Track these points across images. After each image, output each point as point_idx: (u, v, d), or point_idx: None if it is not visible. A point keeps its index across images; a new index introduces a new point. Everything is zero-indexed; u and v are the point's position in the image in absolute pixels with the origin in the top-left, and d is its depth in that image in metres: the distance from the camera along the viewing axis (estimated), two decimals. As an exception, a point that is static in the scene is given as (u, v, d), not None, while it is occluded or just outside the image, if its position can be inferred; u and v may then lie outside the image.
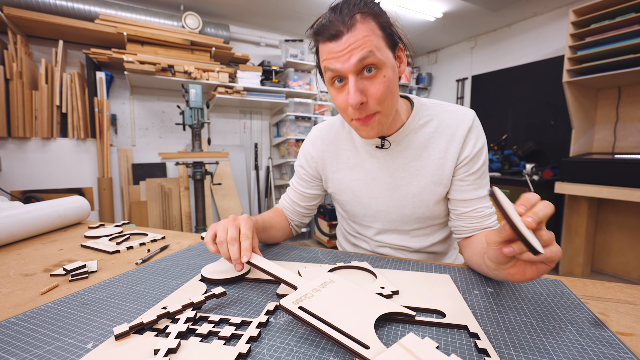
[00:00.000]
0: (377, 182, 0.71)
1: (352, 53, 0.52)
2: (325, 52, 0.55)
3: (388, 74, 0.55)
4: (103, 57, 2.35)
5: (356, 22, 0.52)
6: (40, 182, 2.28)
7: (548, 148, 2.88)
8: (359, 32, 0.52)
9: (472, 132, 0.65)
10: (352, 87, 0.54)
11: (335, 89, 0.58)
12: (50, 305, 0.45)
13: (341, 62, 0.53)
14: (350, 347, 0.32)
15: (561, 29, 2.69)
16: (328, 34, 0.54)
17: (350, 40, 0.52)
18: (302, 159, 0.81)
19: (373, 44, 0.53)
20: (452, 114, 0.67)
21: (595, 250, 2.44)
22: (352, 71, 0.53)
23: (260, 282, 0.53)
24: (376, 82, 0.55)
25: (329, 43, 0.54)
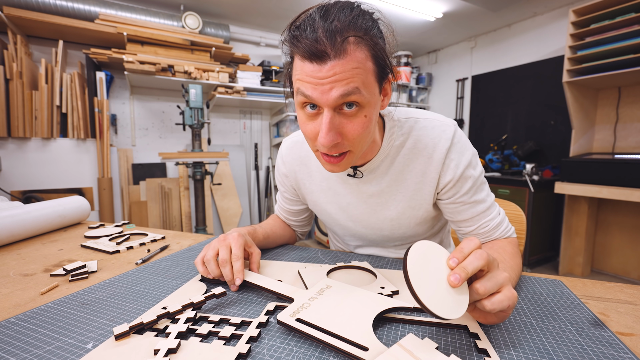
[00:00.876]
0: (352, 207, 0.67)
1: (335, 85, 0.43)
2: (301, 71, 0.45)
3: (369, 114, 0.47)
4: (103, 57, 2.35)
5: (347, 48, 0.42)
6: (40, 182, 2.28)
7: (548, 148, 2.88)
8: (348, 62, 0.43)
9: (451, 153, 0.58)
10: (326, 124, 0.45)
11: (305, 114, 0.49)
12: (50, 305, 0.45)
13: (319, 92, 0.44)
14: (349, 353, 0.32)
15: (561, 29, 2.69)
16: (310, 50, 0.43)
17: (336, 69, 0.42)
18: (277, 176, 0.77)
19: (361, 79, 0.44)
20: (428, 131, 0.59)
21: (595, 250, 2.44)
22: (329, 105, 0.45)
23: (260, 282, 0.53)
24: (355, 122, 0.47)
25: (309, 63, 0.44)
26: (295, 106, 0.51)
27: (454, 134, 0.58)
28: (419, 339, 0.33)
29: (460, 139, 0.59)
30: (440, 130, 0.59)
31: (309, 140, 0.52)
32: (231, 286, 0.50)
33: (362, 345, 0.33)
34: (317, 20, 0.43)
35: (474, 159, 0.59)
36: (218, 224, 2.99)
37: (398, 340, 0.36)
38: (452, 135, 0.58)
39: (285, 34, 0.48)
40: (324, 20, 0.43)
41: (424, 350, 0.31)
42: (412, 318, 0.40)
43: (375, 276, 0.53)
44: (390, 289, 0.47)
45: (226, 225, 2.99)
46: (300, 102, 0.48)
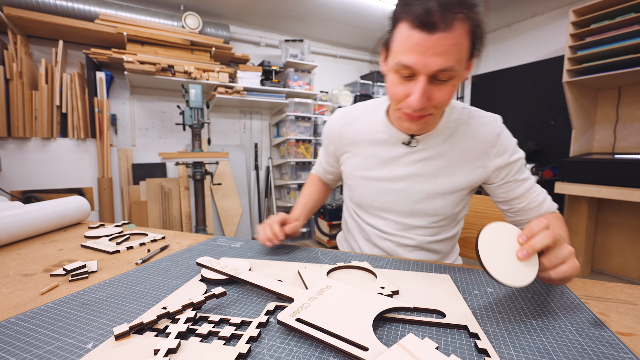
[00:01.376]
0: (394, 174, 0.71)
1: (437, 57, 0.47)
2: (406, 39, 0.49)
3: (456, 84, 0.54)
4: (103, 57, 2.35)
5: (455, 23, 0.46)
6: (40, 182, 2.28)
7: (548, 148, 2.88)
8: (453, 36, 0.47)
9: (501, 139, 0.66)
10: (419, 90, 0.51)
11: (399, 77, 0.53)
12: (50, 305, 0.45)
13: (422, 62, 0.48)
14: (349, 352, 0.32)
15: (561, 29, 2.69)
16: (421, 18, 0.46)
17: (442, 42, 0.46)
18: (324, 135, 0.83)
19: (459, 55, 0.49)
20: (480, 119, 0.67)
21: (595, 250, 2.44)
22: (427, 73, 0.49)
23: (260, 282, 0.53)
24: (443, 91, 0.52)
25: (417, 31, 0.47)
26: (389, 70, 0.55)
27: (501, 125, 0.68)
28: (419, 339, 0.33)
29: (505, 130, 0.68)
30: (490, 120, 0.68)
31: (394, 100, 0.58)
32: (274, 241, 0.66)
33: (362, 345, 0.33)
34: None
35: (515, 146, 0.68)
36: (218, 224, 2.99)
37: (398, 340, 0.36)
38: (500, 124, 0.67)
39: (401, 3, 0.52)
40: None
41: (424, 351, 0.31)
42: (412, 318, 0.40)
43: (375, 276, 0.53)
44: (390, 289, 0.47)
45: (226, 225, 2.99)
46: (398, 69, 0.52)
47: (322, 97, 3.32)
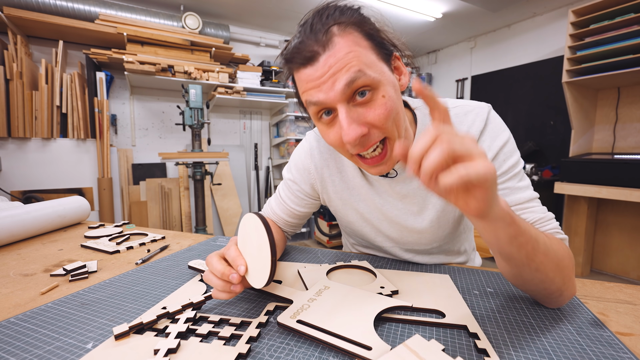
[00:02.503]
0: (388, 207, 0.61)
1: (336, 77, 0.41)
2: (302, 82, 0.45)
3: (388, 93, 0.44)
4: (103, 57, 2.35)
5: (333, 37, 0.42)
6: (40, 182, 2.28)
7: (547, 148, 2.88)
8: (340, 49, 0.41)
9: (484, 135, 0.54)
10: (344, 120, 0.42)
11: (323, 124, 0.47)
12: (50, 305, 0.45)
13: (324, 92, 0.42)
14: (353, 352, 0.32)
15: (561, 29, 2.69)
16: (301, 57, 0.43)
17: (329, 62, 0.41)
18: (294, 171, 0.67)
19: (361, 60, 0.42)
20: (461, 118, 0.56)
21: (595, 250, 2.44)
22: (339, 100, 0.42)
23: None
24: (375, 106, 0.44)
25: (304, 69, 0.43)
26: (314, 122, 0.50)
27: (487, 117, 0.55)
28: (425, 340, 0.33)
29: (493, 121, 0.55)
30: (474, 115, 0.55)
31: (338, 150, 0.50)
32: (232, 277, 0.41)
33: (365, 344, 0.33)
34: (300, 31, 0.45)
35: (509, 144, 0.54)
36: (218, 224, 2.99)
37: (399, 340, 0.36)
38: (485, 118, 0.54)
39: (279, 62, 0.49)
40: (305, 28, 0.44)
41: (429, 352, 0.31)
42: (411, 318, 0.40)
43: (375, 276, 0.53)
44: (390, 289, 0.47)
45: (226, 225, 2.99)
46: (315, 113, 0.46)
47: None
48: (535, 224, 0.49)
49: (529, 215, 0.50)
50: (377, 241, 0.68)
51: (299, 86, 0.47)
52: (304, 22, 0.45)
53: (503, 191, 0.52)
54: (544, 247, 0.39)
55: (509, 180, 0.52)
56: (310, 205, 0.68)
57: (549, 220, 0.50)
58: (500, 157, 0.53)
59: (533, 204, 0.51)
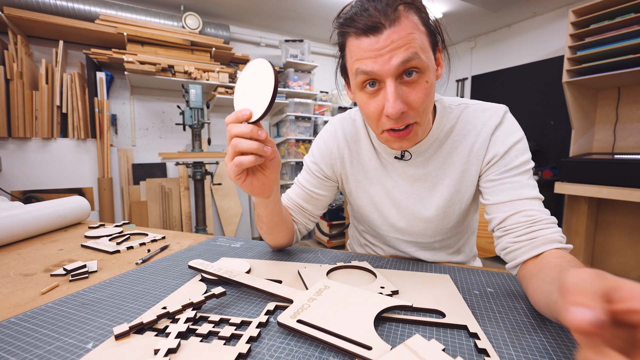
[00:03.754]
0: (398, 190, 0.64)
1: (395, 53, 0.44)
2: (357, 49, 0.46)
3: (430, 80, 0.48)
4: (103, 57, 2.36)
5: (400, 15, 0.44)
6: (40, 182, 2.28)
7: (548, 148, 2.88)
8: (404, 28, 0.44)
9: (499, 130, 0.56)
10: (391, 94, 0.45)
11: (366, 93, 0.49)
12: (50, 305, 0.45)
13: (380, 63, 0.45)
14: (353, 352, 0.32)
15: (561, 29, 2.69)
16: (364, 25, 0.44)
17: (393, 37, 0.43)
18: (316, 153, 0.69)
19: (418, 43, 0.45)
20: (478, 114, 0.58)
21: (595, 250, 2.44)
22: (392, 74, 0.45)
23: (260, 282, 0.53)
24: (418, 89, 0.47)
25: (365, 38, 0.45)
26: (354, 91, 0.52)
27: (504, 115, 0.57)
28: (425, 340, 0.33)
29: (509, 121, 0.57)
30: (491, 112, 0.58)
31: (372, 121, 0.52)
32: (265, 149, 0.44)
33: (365, 344, 0.33)
34: (365, 2, 0.46)
35: (522, 142, 0.56)
36: (218, 224, 2.99)
37: (399, 340, 0.36)
38: (502, 115, 0.57)
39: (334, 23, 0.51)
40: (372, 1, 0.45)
41: (430, 352, 0.31)
42: (411, 318, 0.40)
43: (375, 276, 0.53)
44: (390, 289, 0.47)
45: (226, 225, 2.99)
46: (360, 83, 0.49)
47: (322, 97, 3.32)
48: (540, 223, 0.49)
49: (534, 214, 0.49)
50: (382, 230, 0.69)
51: (351, 52, 0.48)
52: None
53: (513, 184, 0.53)
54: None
55: (520, 174, 0.53)
56: (327, 187, 0.70)
57: (552, 224, 0.49)
58: (512, 153, 0.54)
59: (539, 204, 0.51)
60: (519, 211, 0.50)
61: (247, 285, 0.48)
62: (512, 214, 0.51)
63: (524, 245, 0.48)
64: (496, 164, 0.55)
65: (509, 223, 0.51)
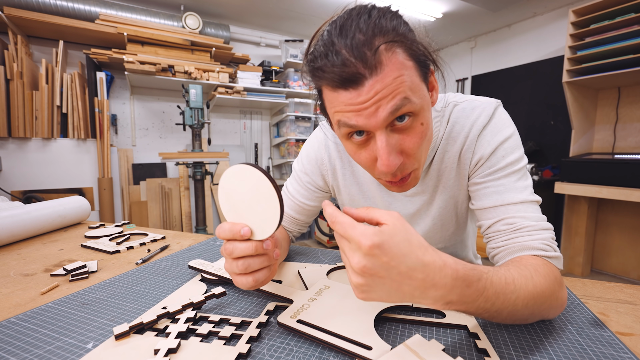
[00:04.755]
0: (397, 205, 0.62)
1: (381, 104, 0.37)
2: (336, 102, 0.40)
3: (426, 120, 0.42)
4: (103, 57, 2.36)
5: (382, 59, 0.36)
6: (40, 182, 2.28)
7: (548, 148, 2.88)
8: (388, 73, 0.36)
9: (486, 129, 0.51)
10: (383, 149, 0.40)
11: (354, 144, 0.43)
12: (50, 305, 0.45)
13: (364, 117, 0.38)
14: (353, 352, 0.32)
15: (561, 29, 2.69)
16: (340, 78, 0.37)
17: (376, 87, 0.36)
18: (306, 163, 0.65)
19: (407, 86, 0.38)
20: (467, 113, 0.53)
21: (595, 250, 2.44)
22: (380, 127, 0.39)
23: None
24: (412, 134, 0.41)
25: (343, 91, 0.38)
26: (341, 139, 0.46)
27: (493, 112, 0.52)
28: (425, 340, 0.33)
29: (499, 117, 0.52)
30: (480, 110, 0.52)
31: (366, 169, 0.47)
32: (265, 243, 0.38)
33: (365, 344, 0.33)
34: (336, 40, 0.37)
35: (511, 140, 0.51)
36: (218, 224, 2.99)
37: (399, 340, 0.36)
38: (490, 113, 0.52)
39: (304, 66, 0.43)
40: (344, 37, 0.36)
41: (430, 352, 0.31)
42: (411, 318, 0.40)
43: (375, 276, 0.53)
44: (390, 289, 0.47)
45: (226, 226, 2.98)
46: (345, 134, 0.43)
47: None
48: (520, 231, 0.45)
49: (517, 221, 0.46)
50: None
51: (330, 102, 0.42)
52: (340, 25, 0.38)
53: (497, 188, 0.49)
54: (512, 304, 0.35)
55: (505, 177, 0.49)
56: (320, 198, 0.67)
57: (539, 231, 0.45)
58: (499, 153, 0.50)
59: (525, 208, 0.47)
60: (501, 219, 0.47)
61: None
62: (495, 221, 0.48)
63: (500, 251, 0.47)
64: (482, 167, 0.51)
65: (491, 231, 0.49)
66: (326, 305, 0.40)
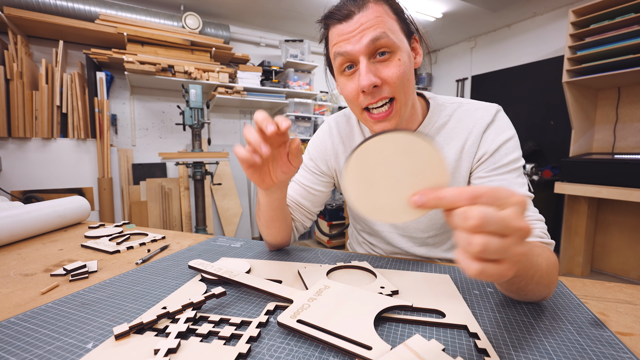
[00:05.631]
0: None
1: (364, 33, 0.50)
2: (335, 36, 0.53)
3: (403, 58, 0.51)
4: (103, 57, 2.36)
5: (368, 2, 0.51)
6: (40, 182, 2.28)
7: (548, 148, 2.88)
8: (372, 12, 0.50)
9: (490, 128, 0.59)
10: (363, 68, 0.50)
11: (345, 77, 0.54)
12: (50, 305, 0.45)
13: (352, 43, 0.50)
14: (353, 352, 0.32)
15: (561, 29, 2.69)
16: (338, 14, 0.52)
17: (361, 20, 0.50)
18: (312, 150, 0.74)
19: (386, 25, 0.50)
20: (471, 113, 0.61)
21: (595, 250, 2.44)
22: (363, 52, 0.50)
23: (260, 282, 0.53)
24: (391, 65, 0.51)
25: (339, 25, 0.52)
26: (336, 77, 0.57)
27: (496, 114, 0.60)
28: (425, 340, 0.33)
29: (501, 119, 0.60)
30: (483, 111, 0.61)
31: (352, 103, 0.56)
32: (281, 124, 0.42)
33: (365, 344, 0.33)
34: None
35: (512, 141, 0.58)
36: (218, 224, 2.99)
37: (399, 340, 0.36)
38: (493, 114, 0.60)
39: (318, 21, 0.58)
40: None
41: (430, 352, 0.31)
42: (411, 318, 0.40)
43: (375, 276, 0.53)
44: (390, 289, 0.47)
45: (226, 225, 2.99)
46: (339, 65, 0.54)
47: (322, 97, 3.32)
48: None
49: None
50: (377, 225, 0.72)
51: (331, 41, 0.54)
52: None
53: (500, 182, 0.56)
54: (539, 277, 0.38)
55: (509, 172, 0.56)
56: (323, 183, 0.73)
57: (536, 221, 0.53)
58: (502, 151, 0.57)
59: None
60: None
61: (247, 285, 0.48)
62: None
63: None
64: (486, 162, 0.58)
65: None
66: (326, 305, 0.40)
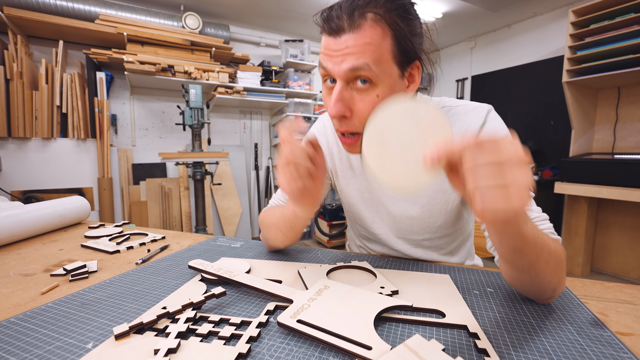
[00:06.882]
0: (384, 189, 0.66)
1: (346, 58, 0.45)
2: (323, 44, 0.49)
3: (382, 94, 0.47)
4: (103, 57, 2.35)
5: (363, 23, 0.44)
6: (40, 182, 2.28)
7: (548, 148, 2.88)
8: (362, 37, 0.44)
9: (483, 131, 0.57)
10: (335, 94, 0.47)
11: (326, 87, 0.52)
12: (50, 305, 0.45)
13: (332, 63, 0.47)
14: (353, 352, 0.32)
15: (561, 29, 2.69)
16: (329, 26, 0.46)
17: (348, 42, 0.44)
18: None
19: (373, 55, 0.44)
20: (462, 116, 0.59)
21: (595, 250, 2.44)
22: (341, 77, 0.46)
23: (260, 282, 0.53)
24: (365, 100, 0.47)
25: (329, 37, 0.47)
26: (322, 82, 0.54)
27: (487, 116, 0.58)
28: (425, 340, 0.33)
29: (493, 120, 0.58)
30: (474, 113, 0.59)
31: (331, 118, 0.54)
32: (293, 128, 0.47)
33: (365, 344, 0.33)
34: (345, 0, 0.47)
35: None
36: (218, 224, 2.99)
37: (399, 340, 0.37)
38: (484, 116, 0.58)
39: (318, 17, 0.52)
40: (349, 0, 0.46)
41: (430, 352, 0.31)
42: (411, 318, 0.40)
43: (375, 276, 0.53)
44: (390, 289, 0.47)
45: (226, 226, 2.99)
46: (322, 75, 0.51)
47: (322, 97, 3.32)
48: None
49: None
50: (373, 227, 0.71)
51: (321, 47, 0.50)
52: None
53: None
54: (547, 254, 0.40)
55: None
56: None
57: (542, 221, 0.52)
58: None
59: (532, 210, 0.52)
60: None
61: (247, 285, 0.48)
62: None
63: None
64: None
65: None
66: (326, 305, 0.40)
